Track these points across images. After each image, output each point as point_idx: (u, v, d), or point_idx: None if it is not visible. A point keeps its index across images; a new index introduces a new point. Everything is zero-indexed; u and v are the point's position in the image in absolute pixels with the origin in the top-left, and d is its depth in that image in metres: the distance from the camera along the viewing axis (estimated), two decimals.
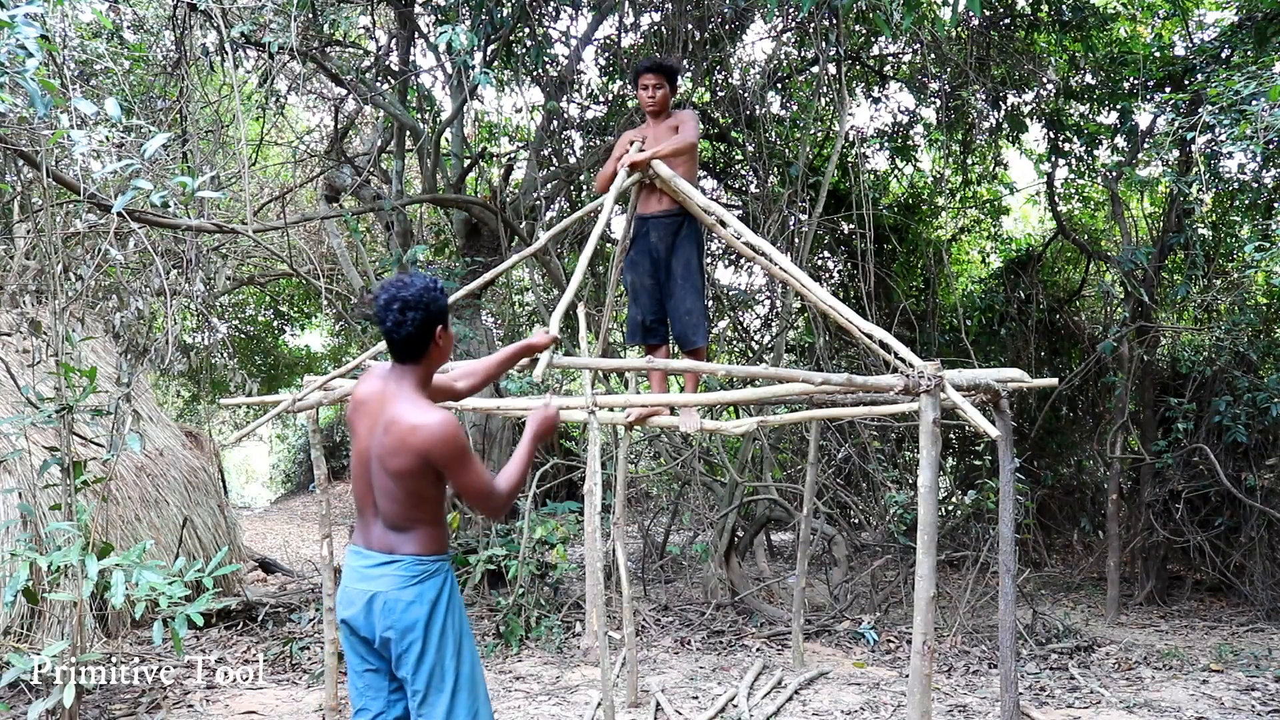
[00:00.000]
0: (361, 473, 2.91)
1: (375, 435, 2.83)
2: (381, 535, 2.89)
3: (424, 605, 2.83)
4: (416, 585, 2.84)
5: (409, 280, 2.84)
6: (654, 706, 5.33)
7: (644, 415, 4.76)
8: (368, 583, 2.87)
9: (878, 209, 9.15)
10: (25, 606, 5.56)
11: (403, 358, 2.86)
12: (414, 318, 2.79)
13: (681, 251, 4.57)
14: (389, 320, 2.79)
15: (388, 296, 2.80)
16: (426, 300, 2.80)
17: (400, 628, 2.83)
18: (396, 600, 2.83)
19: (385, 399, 2.84)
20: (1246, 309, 8.01)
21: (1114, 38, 8.43)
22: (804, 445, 8.08)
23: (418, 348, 2.84)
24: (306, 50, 7.06)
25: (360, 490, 2.93)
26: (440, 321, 2.85)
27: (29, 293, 6.55)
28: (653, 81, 4.57)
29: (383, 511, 2.87)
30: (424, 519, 2.87)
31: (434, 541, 2.89)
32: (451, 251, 9.90)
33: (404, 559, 2.85)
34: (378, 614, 2.85)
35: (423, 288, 2.81)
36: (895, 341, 3.45)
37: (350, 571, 2.94)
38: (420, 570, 2.85)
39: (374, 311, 2.87)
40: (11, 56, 3.32)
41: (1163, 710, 5.33)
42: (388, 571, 2.85)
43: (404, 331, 2.80)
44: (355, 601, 2.89)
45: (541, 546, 7.10)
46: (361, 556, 2.92)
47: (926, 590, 3.23)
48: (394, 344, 2.83)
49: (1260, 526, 7.90)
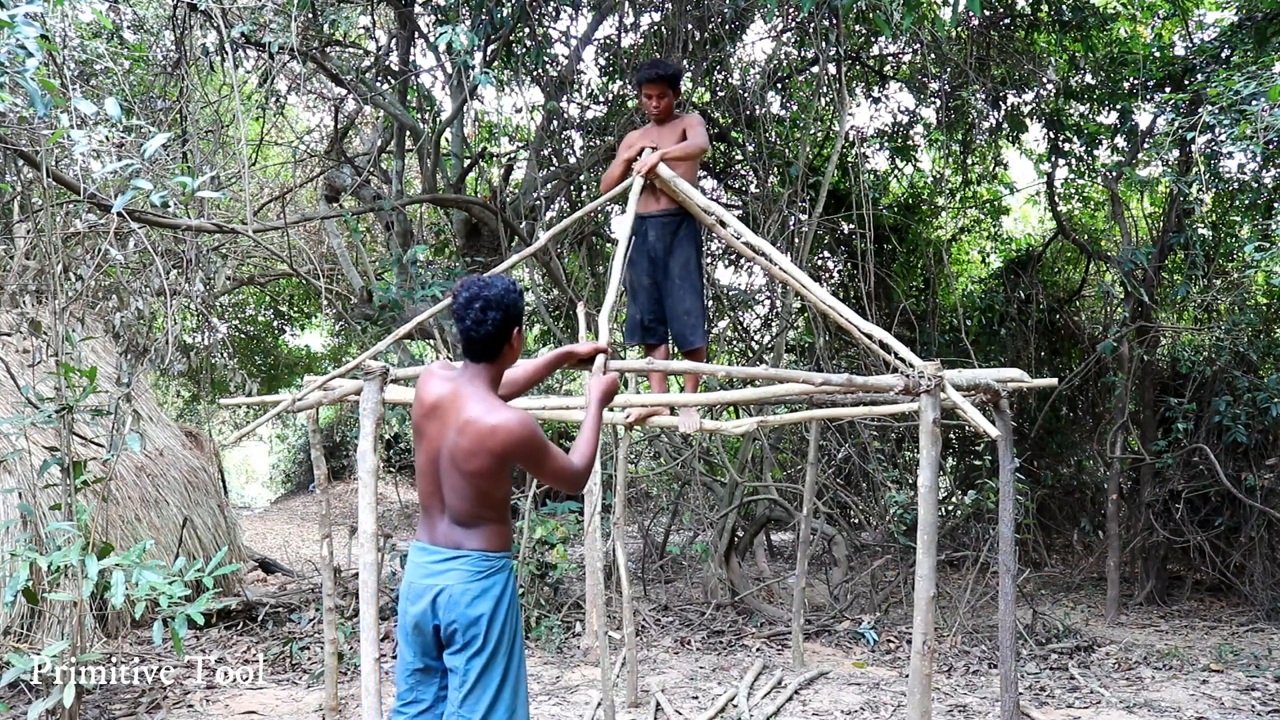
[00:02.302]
0: (430, 470, 2.92)
1: (448, 435, 2.83)
2: (448, 531, 2.92)
3: (489, 600, 2.87)
4: (482, 580, 2.87)
5: (490, 280, 2.87)
6: (654, 706, 5.33)
7: (644, 415, 4.76)
8: (434, 578, 2.89)
9: (878, 209, 9.14)
10: (25, 606, 5.56)
11: (479, 357, 2.88)
12: (494, 317, 2.82)
13: (680, 251, 4.56)
14: (469, 319, 2.82)
15: (469, 295, 2.83)
16: (507, 301, 2.84)
17: (465, 621, 2.85)
18: (464, 593, 2.85)
19: (458, 400, 2.85)
20: (1246, 309, 8.01)
21: (1114, 38, 8.43)
22: (804, 445, 8.08)
23: (494, 347, 2.87)
24: (306, 50, 7.06)
25: (428, 488, 2.94)
26: (518, 323, 2.90)
27: (29, 293, 6.55)
28: (656, 91, 4.57)
29: (451, 508, 2.89)
30: (492, 517, 2.91)
31: (500, 538, 2.93)
32: (451, 251, 9.90)
33: (471, 554, 2.87)
34: (443, 608, 2.87)
35: (504, 289, 2.85)
36: (895, 341, 3.46)
37: (415, 567, 2.95)
38: (486, 566, 2.88)
39: (454, 309, 2.88)
40: (11, 56, 3.32)
41: (1163, 710, 5.33)
42: (455, 566, 2.88)
43: (483, 330, 2.82)
44: (422, 595, 2.91)
45: (541, 546, 7.10)
46: (427, 553, 2.93)
47: (926, 590, 3.23)
48: (472, 342, 2.85)
49: (1260, 526, 7.90)
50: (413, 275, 7.71)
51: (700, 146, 4.47)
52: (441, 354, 7.40)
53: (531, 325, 11.58)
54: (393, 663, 6.27)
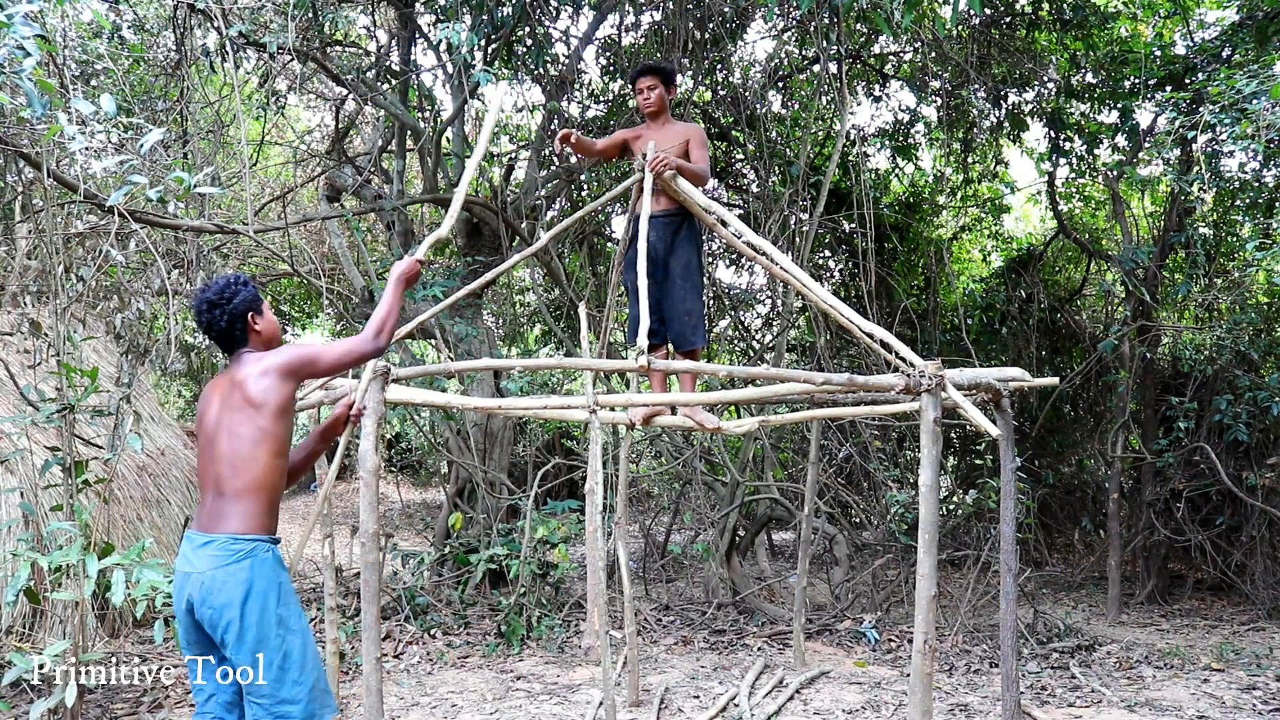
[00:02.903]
0: (207, 447, 3.06)
1: (226, 402, 3.03)
2: (209, 512, 3.01)
3: (238, 587, 2.92)
4: (228, 567, 2.93)
5: (210, 284, 3.15)
6: (656, 706, 5.33)
7: (648, 415, 4.76)
8: (189, 565, 2.98)
9: (878, 208, 9.14)
10: (27, 606, 5.56)
11: (231, 347, 3.16)
12: (219, 314, 3.09)
13: (680, 252, 4.57)
14: (203, 322, 3.11)
15: (195, 306, 3.12)
16: (225, 295, 3.11)
17: (217, 611, 2.91)
18: (212, 581, 2.92)
19: (230, 377, 3.08)
20: (1248, 308, 8.00)
21: (1115, 36, 8.43)
22: (805, 444, 8.08)
23: (236, 335, 3.14)
24: (307, 50, 7.06)
25: (201, 466, 3.08)
26: (249, 307, 3.13)
27: (30, 293, 6.55)
28: (648, 84, 4.62)
29: (216, 478, 3.01)
30: (252, 487, 2.98)
31: (254, 520, 3.00)
32: (452, 251, 9.90)
33: (219, 538, 2.96)
34: (197, 598, 2.95)
35: (220, 287, 3.12)
36: (896, 341, 3.46)
37: (180, 555, 3.07)
38: (234, 550, 2.95)
39: (195, 322, 3.15)
40: (10, 57, 3.33)
41: (1164, 709, 5.33)
42: (205, 553, 2.96)
43: (219, 328, 3.10)
44: (182, 584, 3.01)
45: (543, 546, 7.10)
46: (189, 540, 3.04)
47: (927, 589, 3.23)
48: (218, 340, 3.14)
49: (1261, 525, 7.89)
50: None
51: (705, 175, 4.53)
52: (443, 353, 7.41)
53: (532, 325, 11.60)
54: (394, 662, 6.28)
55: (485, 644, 6.62)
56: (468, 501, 8.18)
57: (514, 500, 7.81)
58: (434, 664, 6.26)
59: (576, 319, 5.06)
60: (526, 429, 9.54)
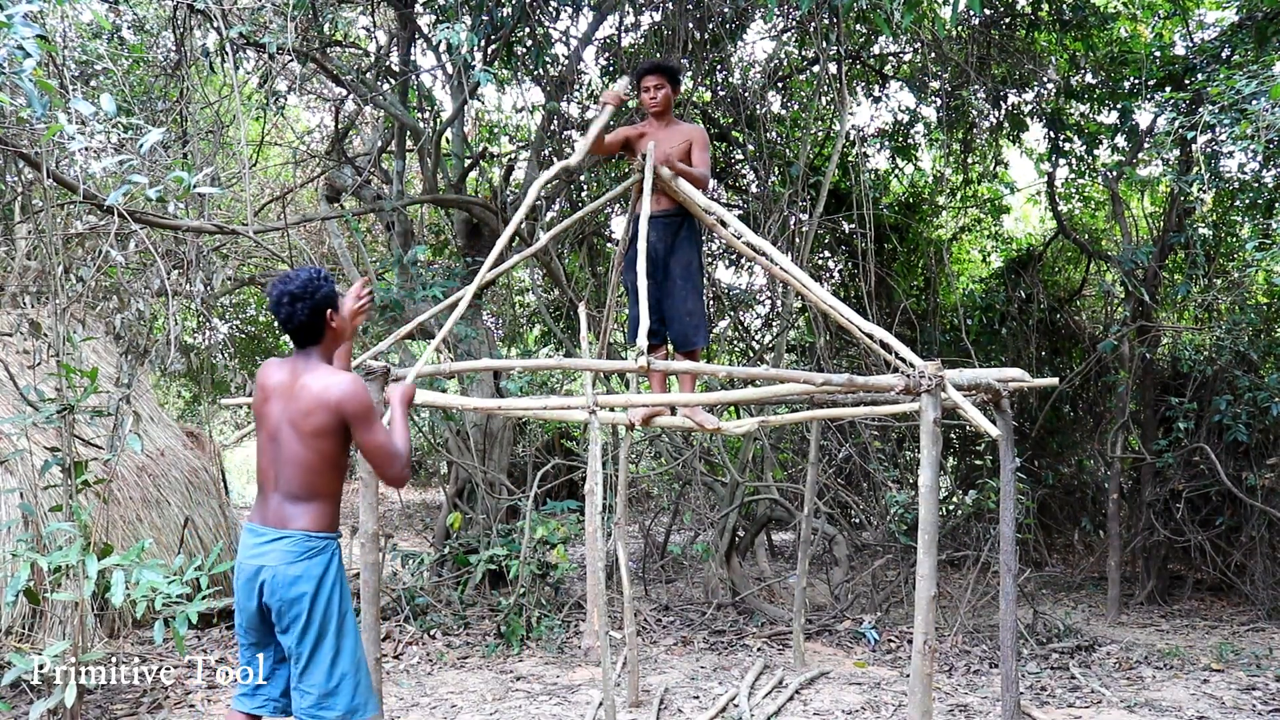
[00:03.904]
0: (268, 447, 3.11)
1: (287, 408, 3.06)
2: (277, 509, 3.09)
3: (310, 581, 3.04)
4: (304, 560, 3.04)
5: (294, 274, 3.12)
6: (655, 706, 5.33)
7: (648, 415, 4.76)
8: (258, 558, 3.06)
9: (878, 208, 9.14)
10: (27, 607, 5.56)
11: (303, 343, 3.14)
12: (302, 307, 3.06)
13: (680, 252, 4.56)
14: (282, 314, 3.08)
15: (277, 293, 3.08)
16: (310, 289, 3.08)
17: (288, 601, 3.02)
18: (286, 574, 3.02)
19: (296, 378, 3.09)
20: (1247, 308, 8.00)
21: (1114, 37, 8.43)
22: (805, 445, 8.08)
23: (313, 332, 3.12)
24: (306, 51, 7.06)
25: (264, 465, 3.13)
26: (329, 304, 3.12)
27: (30, 293, 6.55)
28: (654, 82, 4.60)
29: (283, 481, 3.07)
30: (321, 492, 3.09)
31: (325, 518, 3.11)
32: (452, 252, 9.90)
33: (294, 534, 3.05)
34: (267, 588, 3.05)
35: (306, 279, 3.09)
36: (896, 341, 3.46)
37: (243, 548, 3.14)
38: (309, 546, 3.06)
39: (269, 308, 3.13)
40: (10, 57, 3.33)
41: (1164, 710, 5.33)
42: (277, 547, 3.05)
43: (297, 321, 3.07)
44: (248, 575, 3.09)
45: (542, 546, 7.10)
46: (255, 533, 3.11)
47: (927, 590, 3.23)
48: (292, 333, 3.12)
49: (1261, 526, 7.89)
50: (413, 275, 7.71)
51: (705, 179, 4.52)
52: (443, 353, 7.41)
53: (532, 326, 11.60)
54: (393, 663, 6.27)
55: (485, 644, 6.62)
56: (467, 502, 8.17)
57: (514, 501, 7.81)
58: (434, 664, 6.26)
59: (576, 319, 5.06)
60: (526, 429, 9.53)
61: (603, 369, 4.62)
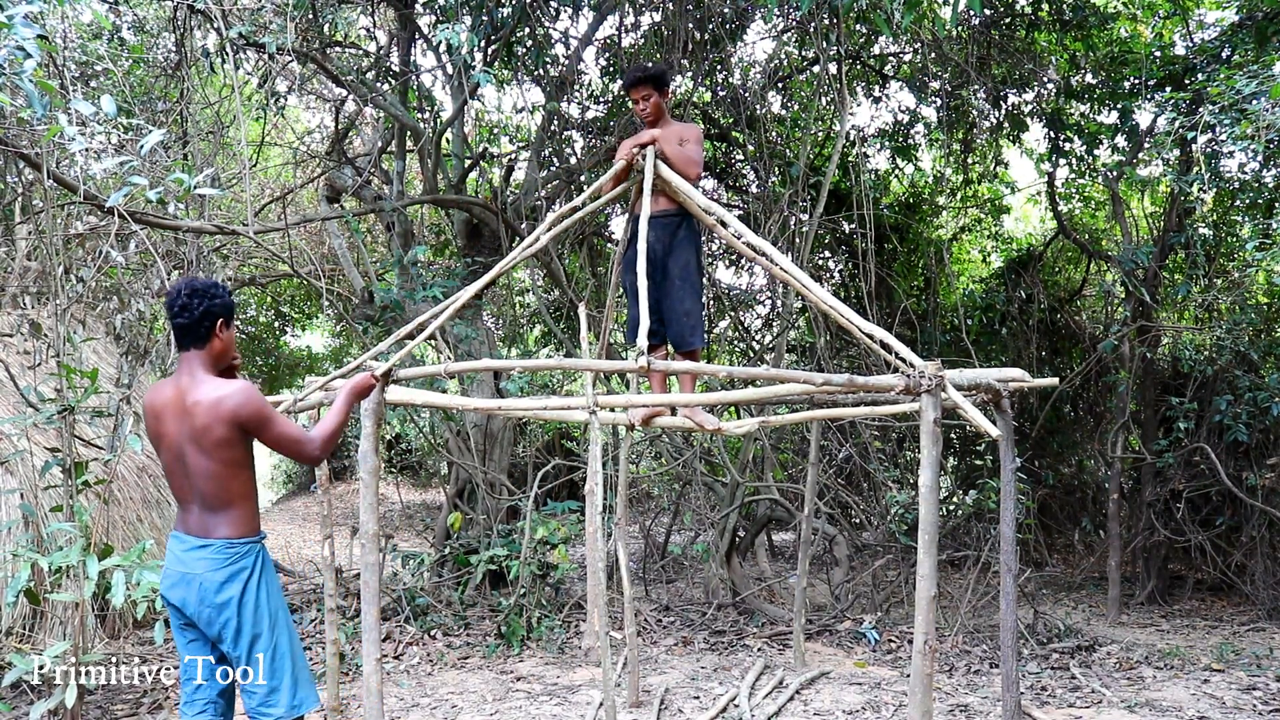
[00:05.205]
0: (177, 466, 3.16)
1: (184, 427, 3.10)
2: (199, 519, 3.16)
3: (237, 585, 3.13)
4: (228, 567, 3.12)
5: (200, 277, 3.21)
6: (656, 707, 5.33)
7: (649, 416, 4.76)
8: (185, 565, 3.15)
9: (878, 208, 9.14)
10: (27, 607, 5.56)
11: (188, 343, 3.15)
12: (198, 304, 3.11)
13: (679, 253, 4.56)
14: (176, 306, 3.12)
15: (176, 288, 3.15)
16: (211, 292, 3.15)
17: (216, 607, 3.11)
18: (212, 581, 3.10)
19: (182, 392, 3.12)
20: (1247, 308, 8.00)
21: (1114, 37, 8.43)
22: (805, 445, 8.08)
23: (200, 333, 3.15)
24: (306, 51, 7.06)
25: (178, 484, 3.19)
26: (223, 315, 3.18)
27: (30, 294, 6.56)
28: (642, 94, 4.59)
29: (200, 494, 3.13)
30: (238, 498, 3.15)
31: (245, 524, 3.18)
32: (452, 252, 9.91)
33: (215, 543, 3.13)
34: (194, 595, 3.12)
35: (211, 284, 3.17)
36: (896, 341, 3.45)
37: (170, 554, 3.20)
38: (231, 553, 3.14)
39: (166, 305, 3.21)
40: (10, 58, 3.33)
41: (1164, 710, 5.33)
42: (202, 555, 3.13)
43: (188, 316, 3.11)
44: (175, 581, 3.16)
45: (543, 547, 7.11)
46: (180, 541, 3.19)
47: (928, 590, 3.23)
48: (180, 328, 3.14)
49: (1261, 526, 7.89)
50: (414, 276, 7.72)
51: (694, 162, 4.45)
52: (443, 354, 7.41)
53: (532, 326, 11.60)
54: (394, 663, 6.27)
55: (485, 645, 6.62)
56: (468, 502, 8.18)
57: (514, 501, 7.81)
58: (434, 665, 6.26)
59: (576, 320, 5.06)
60: (526, 430, 9.54)
61: (603, 369, 4.61)
